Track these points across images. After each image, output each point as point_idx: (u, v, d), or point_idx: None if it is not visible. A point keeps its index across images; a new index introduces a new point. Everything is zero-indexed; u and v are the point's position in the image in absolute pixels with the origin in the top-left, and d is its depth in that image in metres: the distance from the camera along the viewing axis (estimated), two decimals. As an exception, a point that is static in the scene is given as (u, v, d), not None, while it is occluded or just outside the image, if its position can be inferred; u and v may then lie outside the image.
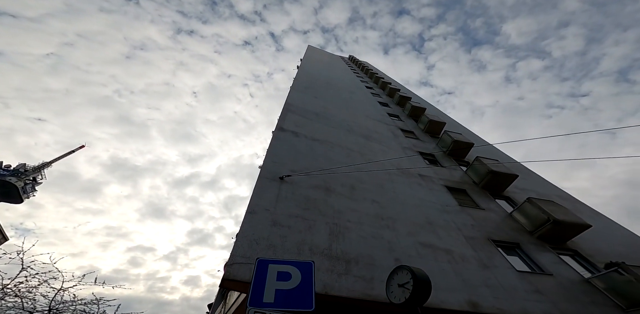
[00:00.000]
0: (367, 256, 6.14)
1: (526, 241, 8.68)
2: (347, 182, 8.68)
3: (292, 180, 7.83)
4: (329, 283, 5.21)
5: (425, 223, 8.13)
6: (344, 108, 16.28)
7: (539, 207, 8.94)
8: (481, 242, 8.07)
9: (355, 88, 23.34)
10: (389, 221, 7.62)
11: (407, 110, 19.20)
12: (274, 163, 8.34)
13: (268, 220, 6.14)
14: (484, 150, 15.21)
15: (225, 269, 4.80)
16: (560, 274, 7.53)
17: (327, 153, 10.12)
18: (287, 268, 3.11)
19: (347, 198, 7.94)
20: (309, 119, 12.59)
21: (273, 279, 2.96)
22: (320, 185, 8.06)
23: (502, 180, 11.36)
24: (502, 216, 9.76)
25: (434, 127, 16.28)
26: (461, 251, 7.40)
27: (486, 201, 10.56)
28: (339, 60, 42.60)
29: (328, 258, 5.77)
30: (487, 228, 8.85)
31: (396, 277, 3.61)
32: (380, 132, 14.29)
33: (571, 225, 8.71)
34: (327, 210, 7.18)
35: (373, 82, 29.56)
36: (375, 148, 12.15)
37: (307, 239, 6.05)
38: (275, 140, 9.65)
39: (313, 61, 30.74)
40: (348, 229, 6.77)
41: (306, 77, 20.82)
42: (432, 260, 6.78)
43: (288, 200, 7.03)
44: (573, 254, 8.79)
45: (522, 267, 7.67)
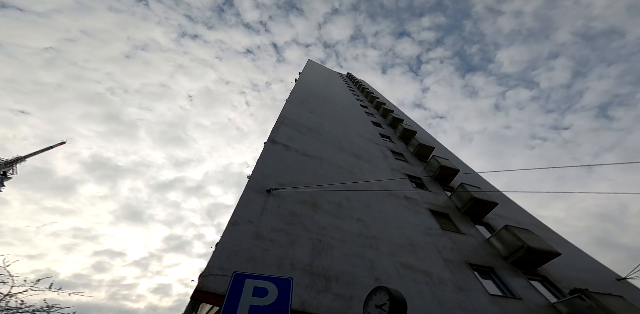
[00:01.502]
0: (347, 275, 6.22)
1: (500, 266, 8.97)
2: (334, 199, 8.80)
3: (279, 194, 7.89)
4: (308, 300, 5.23)
5: (408, 244, 8.27)
6: (338, 125, 16.60)
7: (515, 235, 9.36)
8: (459, 265, 8.25)
9: (350, 106, 23.87)
10: (373, 241, 7.74)
11: (398, 131, 19.71)
12: (263, 175, 8.41)
13: (251, 232, 6.16)
14: (469, 177, 15.69)
15: (200, 280, 4.73)
16: (529, 298, 7.83)
17: (317, 169, 10.26)
18: (264, 284, 3.14)
19: (332, 216, 8.04)
20: (301, 133, 12.80)
21: (249, 294, 2.99)
22: (307, 201, 8.15)
23: (482, 207, 11.77)
24: (480, 241, 10.05)
25: (423, 151, 16.74)
26: (439, 274, 7.54)
27: (467, 226, 10.85)
28: (337, 76, 43.68)
29: (309, 274, 5.81)
30: (465, 252, 9.07)
31: (374, 298, 3.69)
32: (370, 152, 14.59)
33: (543, 252, 9.10)
34: (311, 225, 7.25)
35: (368, 101, 30.30)
36: (365, 167, 12.38)
37: (289, 254, 6.09)
38: (266, 152, 9.76)
39: (312, 75, 31.47)
40: (331, 246, 6.85)
41: (303, 90, 21.25)
42: (411, 281, 6.89)
43: (273, 213, 7.07)
44: (542, 279, 9.16)
45: (495, 291, 7.95)
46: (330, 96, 24.58)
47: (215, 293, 4.62)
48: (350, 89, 34.38)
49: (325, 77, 36.78)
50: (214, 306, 6.04)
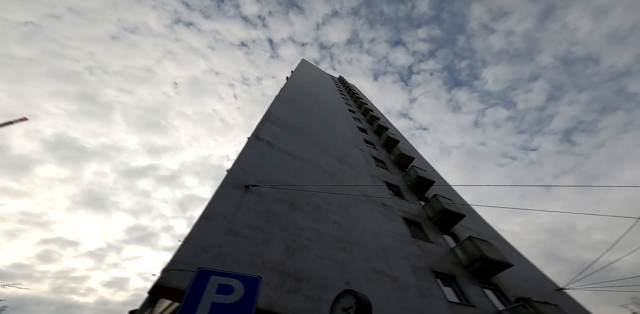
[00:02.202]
0: (319, 277, 6.21)
1: (461, 274, 9.34)
2: (314, 201, 8.79)
3: (258, 191, 7.79)
4: (276, 300, 5.17)
5: (380, 250, 8.39)
6: (325, 127, 16.63)
7: (476, 245, 9.83)
8: (424, 272, 8.47)
9: (338, 110, 23.97)
10: (347, 244, 7.79)
11: (382, 139, 20.00)
12: (243, 170, 8.27)
13: (223, 228, 6.02)
14: (442, 189, 16.20)
15: (162, 274, 4.50)
16: (481, 306, 8.20)
17: (299, 170, 10.22)
18: (230, 281, 3.07)
19: (310, 217, 8.02)
20: (287, 132, 12.71)
21: (212, 291, 2.91)
22: (286, 200, 8.09)
23: (451, 218, 12.20)
24: (446, 251, 10.40)
25: (404, 160, 17.09)
26: (406, 280, 7.70)
27: (435, 235, 11.18)
28: (329, 78, 43.82)
29: (280, 274, 5.75)
30: (431, 259, 9.34)
31: (342, 301, 3.70)
32: (354, 157, 14.71)
33: (498, 263, 9.59)
34: (288, 225, 7.20)
35: (356, 107, 30.56)
36: (347, 172, 12.46)
37: (262, 252, 6.00)
38: (249, 148, 9.61)
39: (304, 75, 31.39)
40: (306, 247, 6.82)
41: (293, 89, 21.14)
42: (379, 286, 6.99)
43: (249, 210, 6.96)
44: (494, 288, 9.65)
45: (453, 298, 8.25)
46: (320, 98, 24.60)
47: (177, 288, 4.44)
48: (341, 93, 34.58)
49: (317, 78, 36.80)
50: (173, 302, 5.87)
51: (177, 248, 5.10)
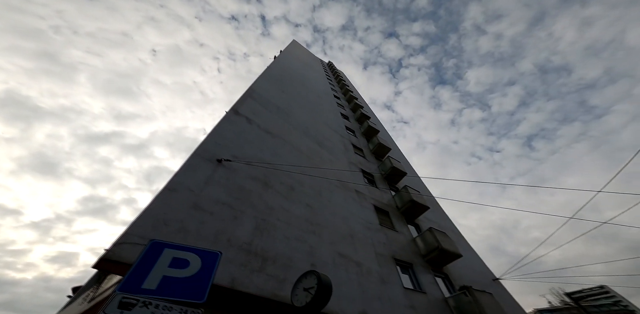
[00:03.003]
0: (285, 257, 6.05)
1: (418, 263, 9.71)
2: (288, 181, 8.53)
3: (231, 166, 7.40)
4: (239, 278, 4.95)
5: (348, 235, 8.40)
6: (307, 110, 16.17)
7: (435, 236, 10.26)
8: (387, 259, 8.66)
9: (323, 94, 23.45)
10: (317, 227, 7.67)
11: (363, 128, 19.92)
12: (217, 144, 7.79)
13: (189, 201, 5.61)
14: (413, 181, 16.59)
15: (111, 248, 4.07)
16: (431, 293, 8.61)
17: (277, 149, 9.86)
18: (186, 255, 2.81)
19: (283, 197, 7.77)
20: (268, 110, 12.18)
21: (164, 264, 2.65)
22: (260, 178, 7.76)
23: (417, 209, 12.57)
24: (408, 240, 10.71)
25: (381, 150, 17.19)
26: (369, 266, 7.81)
27: (401, 225, 11.46)
28: (318, 63, 42.65)
29: (246, 252, 5.50)
30: (394, 247, 9.57)
31: (304, 281, 3.60)
32: (333, 142, 14.51)
33: (451, 253, 10.07)
34: (259, 204, 6.90)
35: (342, 93, 30.13)
36: (325, 156, 12.26)
37: (229, 229, 5.68)
38: (226, 122, 9.05)
39: (292, 56, 30.20)
40: (275, 227, 6.60)
41: (280, 69, 20.26)
42: (344, 270, 7.01)
43: (220, 185, 6.58)
44: (444, 277, 10.20)
45: (409, 285, 8.57)
46: (307, 80, 23.86)
47: (128, 263, 4.05)
48: (328, 78, 33.83)
49: (306, 60, 35.64)
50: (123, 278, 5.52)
51: (133, 220, 4.64)
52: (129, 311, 2.22)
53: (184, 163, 6.52)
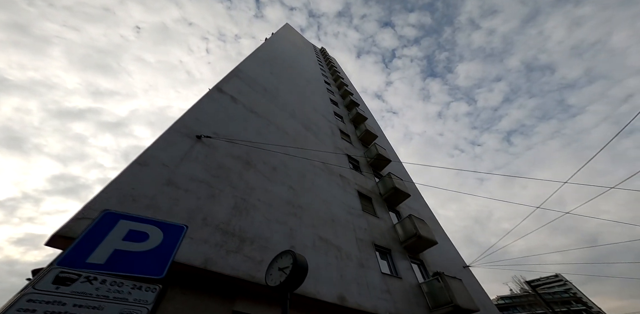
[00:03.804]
0: (264, 239, 5.79)
1: (396, 249, 9.75)
2: (271, 162, 8.17)
3: (211, 143, 6.94)
4: (213, 258, 4.66)
5: (330, 219, 8.24)
6: (296, 93, 15.60)
7: (413, 223, 10.32)
8: (366, 245, 8.61)
9: (313, 79, 22.77)
10: (298, 210, 7.44)
11: (352, 114, 19.58)
12: (197, 120, 7.26)
13: (162, 177, 5.17)
14: (397, 170, 16.54)
15: (68, 223, 3.61)
16: (406, 278, 8.70)
17: (261, 129, 9.42)
18: (145, 228, 2.47)
19: (264, 177, 7.43)
20: (254, 91, 11.59)
21: (118, 237, 2.30)
22: (242, 157, 7.35)
23: (399, 196, 12.58)
24: (389, 226, 10.73)
25: (368, 137, 17.00)
26: (349, 250, 7.71)
27: (382, 211, 11.46)
28: (311, 48, 41.36)
29: (222, 232, 5.19)
30: (374, 233, 9.54)
31: (279, 261, 3.39)
32: (320, 126, 14.14)
33: (427, 240, 10.17)
34: (239, 183, 6.54)
35: (332, 79, 29.47)
36: (310, 139, 11.91)
37: (205, 208, 5.32)
38: (208, 99, 8.46)
39: (284, 40, 29.00)
40: (255, 208, 6.28)
41: (270, 51, 19.35)
42: (323, 253, 6.87)
43: (197, 162, 6.15)
44: (420, 263, 10.34)
45: (386, 270, 8.60)
46: (297, 64, 23.02)
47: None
48: (320, 64, 32.91)
49: (298, 45, 34.42)
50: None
51: (96, 194, 4.19)
52: (66, 286, 1.87)
53: (159, 137, 6.04)
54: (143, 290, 2.14)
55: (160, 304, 4.04)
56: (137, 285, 2.14)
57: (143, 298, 2.09)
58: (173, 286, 4.31)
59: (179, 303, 4.18)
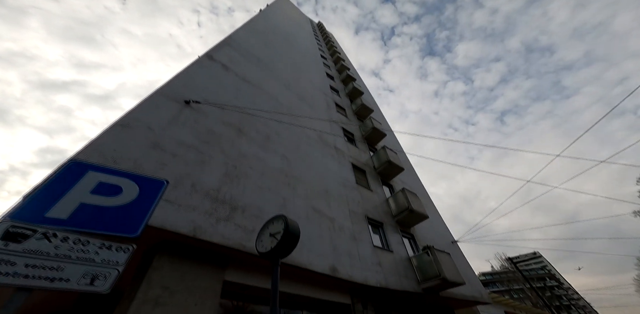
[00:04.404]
0: (256, 208, 5.54)
1: (388, 222, 9.73)
2: (264, 131, 7.74)
3: (201, 109, 6.45)
4: (203, 226, 4.39)
5: (324, 190, 8.04)
6: (290, 65, 14.74)
7: (406, 197, 10.23)
8: (359, 218, 8.52)
9: (309, 53, 21.60)
10: (292, 180, 7.17)
11: (348, 89, 18.90)
12: (185, 85, 6.69)
13: (147, 140, 4.75)
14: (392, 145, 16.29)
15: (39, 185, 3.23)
16: (397, 252, 8.71)
17: (254, 98, 8.86)
18: (118, 181, 2.13)
19: (258, 146, 7.05)
20: (248, 60, 10.81)
21: (85, 189, 1.96)
22: (233, 124, 6.89)
23: (393, 170, 12.41)
24: (382, 200, 10.66)
25: (363, 112, 16.53)
26: (342, 222, 7.60)
27: (376, 185, 11.35)
28: (307, 22, 39.06)
29: (212, 199, 4.91)
30: (368, 206, 9.45)
31: (271, 226, 3.08)
32: (316, 99, 13.55)
33: (419, 214, 10.16)
34: (230, 150, 6.16)
35: (329, 54, 28.17)
36: (305, 110, 11.40)
37: (194, 174, 4.98)
38: (198, 67, 7.75)
39: (279, 12, 27.06)
40: (247, 176, 5.97)
41: (264, 23, 17.96)
42: (317, 224, 6.72)
43: (186, 127, 5.70)
44: (410, 237, 10.38)
45: (378, 243, 8.58)
46: (292, 37, 21.65)
47: None
48: (316, 38, 31.20)
49: (295, 18, 32.32)
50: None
51: (72, 155, 3.79)
52: (17, 243, 1.55)
53: (143, 100, 5.53)
54: (113, 250, 1.87)
55: (146, 273, 3.81)
56: (106, 244, 1.84)
57: (113, 258, 1.83)
58: (161, 254, 4.08)
59: (166, 273, 3.98)
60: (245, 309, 5.41)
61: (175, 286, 3.94)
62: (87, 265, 1.73)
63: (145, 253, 4.29)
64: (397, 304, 8.14)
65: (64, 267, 1.65)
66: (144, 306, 3.53)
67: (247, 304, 5.41)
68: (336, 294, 6.40)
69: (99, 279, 1.72)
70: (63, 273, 1.63)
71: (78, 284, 1.64)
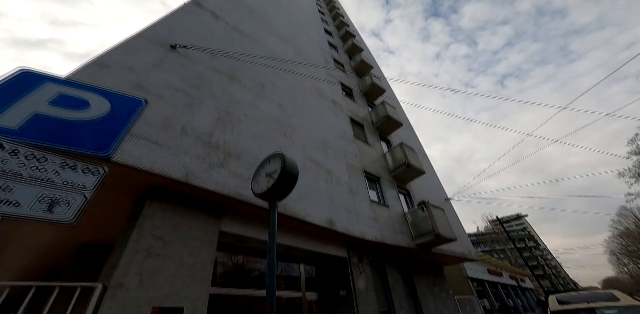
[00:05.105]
0: (252, 155, 5.21)
1: (385, 177, 9.57)
2: (259, 79, 7.11)
3: (188, 54, 5.80)
4: (195, 171, 4.09)
5: (321, 142, 7.73)
6: (286, 18, 13.26)
7: (404, 151, 9.91)
8: (357, 171, 8.36)
9: (307, 8, 19.48)
10: (288, 129, 6.78)
11: (347, 45, 17.46)
12: (171, 30, 5.89)
13: (128, 80, 4.23)
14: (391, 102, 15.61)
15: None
16: (393, 207, 8.63)
17: (246, 48, 8.01)
18: (84, 95, 1.81)
19: (252, 93, 6.50)
20: (239, 10, 9.60)
21: (42, 100, 1.61)
22: (225, 71, 6.24)
23: (391, 125, 11.97)
24: (379, 155, 10.41)
25: (362, 68, 15.48)
26: (339, 175, 7.44)
27: (374, 139, 11.00)
28: (301, -28, 35.10)
29: (205, 144, 4.56)
30: (365, 160, 9.24)
31: (267, 166, 2.69)
32: (313, 52, 12.51)
33: (416, 169, 9.95)
34: (223, 96, 5.64)
35: (327, 10, 25.78)
36: (302, 62, 10.61)
37: (184, 117, 4.56)
38: (184, 13, 6.75)
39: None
40: (241, 122, 5.56)
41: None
42: (314, 175, 6.50)
43: (172, 70, 5.10)
44: (406, 193, 10.29)
45: (374, 198, 8.45)
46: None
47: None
48: (312, -9, 28.36)
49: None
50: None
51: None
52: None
53: (122, 41, 4.89)
54: (79, 171, 1.52)
55: (136, 221, 3.53)
56: (69, 163, 1.49)
57: (77, 181, 1.49)
58: (151, 200, 3.79)
59: (158, 221, 3.70)
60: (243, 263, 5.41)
61: (169, 236, 3.70)
62: (44, 187, 1.41)
63: (136, 202, 4.03)
64: (391, 259, 8.17)
65: (13, 187, 1.32)
66: (136, 256, 3.29)
67: (245, 257, 5.39)
68: (333, 248, 6.37)
69: (60, 206, 1.41)
70: (11, 195, 1.30)
71: (32, 209, 1.32)
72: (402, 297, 7.52)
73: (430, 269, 9.92)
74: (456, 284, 14.12)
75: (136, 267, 3.23)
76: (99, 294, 2.83)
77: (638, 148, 19.76)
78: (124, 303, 2.98)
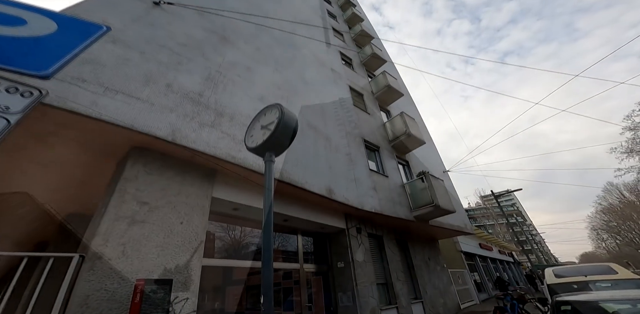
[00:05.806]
0: (246, 117, 4.76)
1: (384, 147, 9.25)
2: (253, 42, 6.47)
3: (174, 11, 5.18)
4: (182, 130, 3.69)
5: (319, 108, 7.28)
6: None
7: (404, 120, 9.52)
8: (356, 139, 8.04)
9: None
10: (285, 93, 6.31)
11: (347, 15, 16.17)
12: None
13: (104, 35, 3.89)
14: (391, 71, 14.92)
15: None
16: (392, 178, 8.38)
17: (240, 9, 7.26)
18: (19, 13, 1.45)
19: (246, 56, 5.94)
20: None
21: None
22: (216, 32, 5.62)
23: (391, 95, 11.47)
24: (379, 124, 10.00)
25: (362, 38, 14.48)
26: (338, 142, 7.15)
27: (373, 109, 10.52)
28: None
29: (194, 103, 4.14)
30: (365, 129, 8.86)
31: (262, 118, 2.29)
32: (311, 21, 11.59)
33: (415, 139, 9.66)
34: (214, 56, 5.12)
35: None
36: (299, 30, 9.87)
37: (170, 75, 4.11)
38: None
39: None
40: (235, 83, 5.10)
41: None
42: (312, 141, 6.15)
43: (156, 27, 4.55)
44: (405, 164, 10.02)
45: (374, 167, 8.18)
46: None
47: None
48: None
49: None
50: None
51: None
52: None
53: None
54: (2, 90, 1.19)
55: (117, 185, 3.16)
56: None
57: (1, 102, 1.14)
58: (134, 161, 3.42)
59: (142, 185, 3.31)
60: (240, 237, 5.23)
61: (155, 202, 3.31)
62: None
63: (119, 164, 3.66)
64: (388, 231, 8.04)
65: None
66: (118, 224, 2.93)
67: (241, 229, 5.18)
68: (331, 218, 6.14)
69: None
70: None
71: None
72: (398, 269, 7.46)
73: (425, 243, 9.94)
74: (450, 259, 14.45)
75: (118, 236, 2.88)
76: (75, 265, 2.54)
77: (634, 124, 19.56)
78: (105, 274, 2.66)
